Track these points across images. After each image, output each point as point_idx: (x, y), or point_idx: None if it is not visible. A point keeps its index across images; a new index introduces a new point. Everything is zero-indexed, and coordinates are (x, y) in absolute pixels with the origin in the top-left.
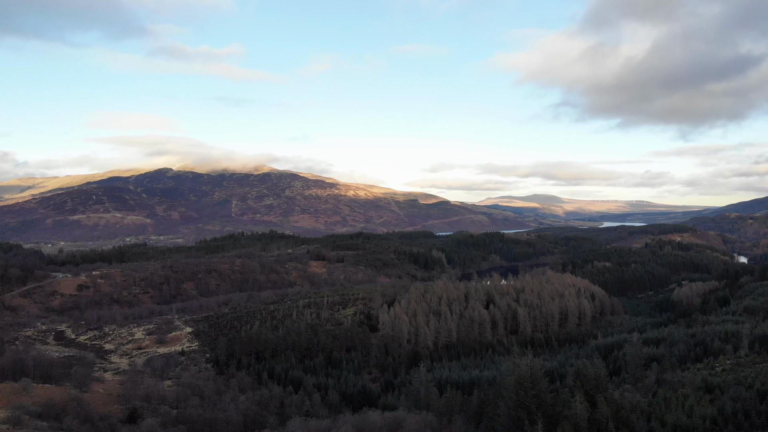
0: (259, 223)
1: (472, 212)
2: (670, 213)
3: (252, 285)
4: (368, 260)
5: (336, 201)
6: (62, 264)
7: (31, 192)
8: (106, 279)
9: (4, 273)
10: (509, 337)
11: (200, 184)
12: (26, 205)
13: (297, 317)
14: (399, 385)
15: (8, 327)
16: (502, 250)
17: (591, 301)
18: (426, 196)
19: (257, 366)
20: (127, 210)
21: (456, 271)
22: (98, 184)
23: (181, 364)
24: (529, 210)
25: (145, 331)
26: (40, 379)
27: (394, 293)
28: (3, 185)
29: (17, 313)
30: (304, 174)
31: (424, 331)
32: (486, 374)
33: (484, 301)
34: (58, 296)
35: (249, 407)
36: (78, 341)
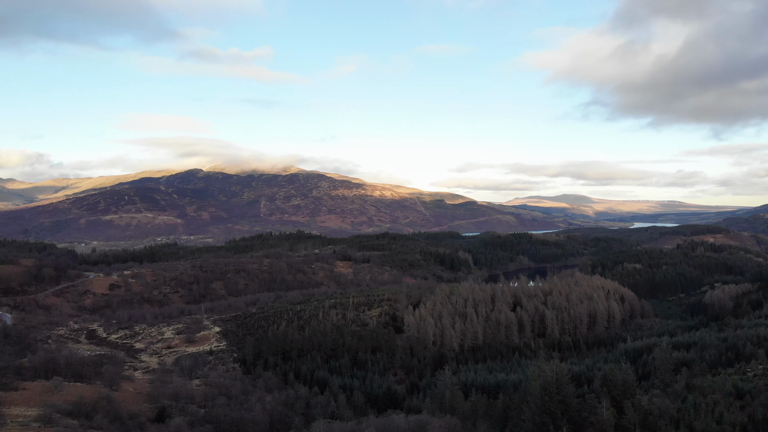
0: (287, 223)
1: (500, 212)
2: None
3: (279, 285)
4: (394, 261)
5: (362, 201)
6: (95, 263)
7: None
8: (137, 278)
9: (38, 273)
10: (536, 340)
11: (230, 185)
12: (60, 205)
13: (323, 318)
14: (424, 388)
15: (41, 326)
16: (530, 251)
17: (620, 304)
18: (452, 197)
19: (284, 366)
20: (159, 210)
21: (483, 272)
22: (130, 184)
23: (209, 363)
24: (558, 210)
25: (174, 330)
26: (71, 378)
27: (419, 294)
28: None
29: (51, 312)
30: (330, 174)
31: (449, 333)
32: (512, 378)
33: (511, 304)
34: (91, 295)
35: (275, 407)
36: (109, 340)
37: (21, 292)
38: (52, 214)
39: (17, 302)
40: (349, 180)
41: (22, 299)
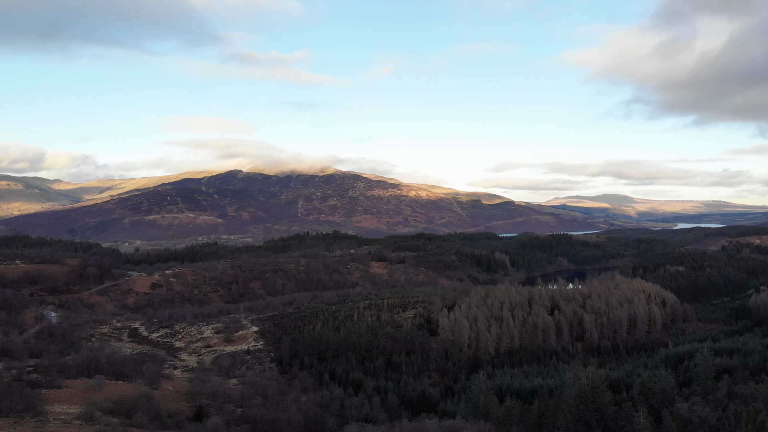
0: (323, 223)
1: (538, 213)
2: (749, 214)
3: (316, 285)
4: (429, 262)
5: (398, 201)
6: (137, 263)
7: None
8: (178, 278)
9: (82, 272)
10: (575, 344)
11: (269, 185)
12: (105, 205)
13: (358, 319)
14: (459, 391)
15: (85, 324)
16: (570, 253)
17: (662, 308)
18: (489, 197)
19: (319, 366)
20: (200, 210)
21: (520, 274)
22: (172, 185)
23: (246, 363)
24: (599, 210)
25: (213, 329)
26: (113, 376)
27: (454, 297)
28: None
29: (94, 311)
30: (366, 175)
31: (485, 336)
32: (548, 382)
33: (549, 307)
34: (133, 294)
35: (310, 408)
36: (150, 338)
37: (66, 291)
38: (97, 214)
39: (62, 301)
40: (385, 180)
41: (67, 298)
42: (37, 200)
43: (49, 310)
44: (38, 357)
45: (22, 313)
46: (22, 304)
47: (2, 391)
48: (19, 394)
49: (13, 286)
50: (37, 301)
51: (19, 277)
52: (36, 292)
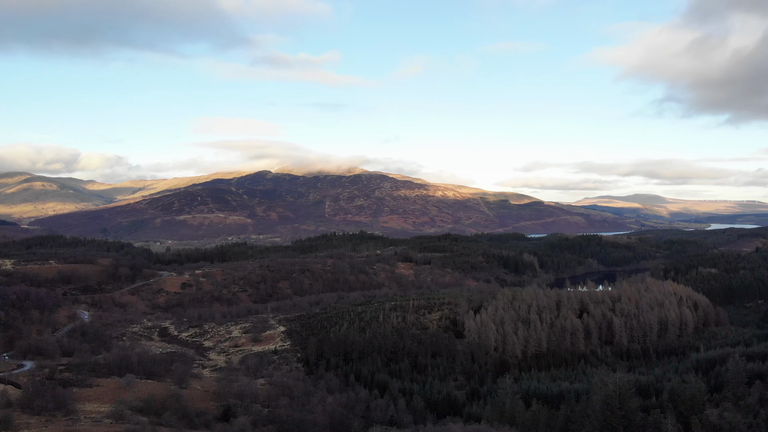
0: (350, 223)
1: (568, 213)
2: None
3: (342, 285)
4: (456, 263)
5: (424, 202)
6: (168, 263)
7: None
8: (208, 278)
9: (114, 272)
10: (603, 347)
11: (296, 186)
12: (137, 205)
13: (383, 320)
14: (485, 394)
15: (117, 323)
16: (600, 254)
17: (693, 311)
18: (518, 197)
19: (345, 367)
20: (230, 210)
21: (549, 275)
22: (203, 185)
23: (273, 363)
24: (630, 211)
25: (241, 329)
26: (143, 375)
27: (480, 299)
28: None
29: (126, 310)
30: (393, 175)
31: (512, 339)
32: (576, 387)
33: (577, 310)
34: (164, 294)
35: (336, 409)
36: (180, 338)
37: (99, 291)
38: (130, 214)
39: (95, 300)
40: (411, 180)
41: (99, 297)
42: (71, 200)
43: (81, 309)
44: (70, 356)
45: (56, 313)
46: (55, 304)
47: (34, 389)
48: (51, 393)
49: (47, 285)
50: (70, 301)
51: (53, 277)
52: (69, 292)
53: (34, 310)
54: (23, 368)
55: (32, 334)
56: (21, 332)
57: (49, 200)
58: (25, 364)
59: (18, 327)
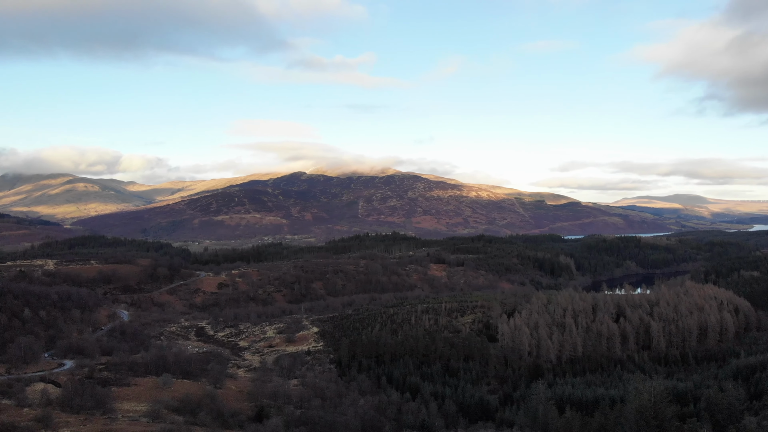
0: (383, 223)
1: (606, 214)
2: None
3: (375, 286)
4: (489, 265)
5: (457, 202)
6: (205, 263)
7: (181, 194)
8: (244, 278)
9: (153, 272)
10: (641, 353)
11: (330, 187)
12: (176, 206)
13: (415, 322)
14: (518, 399)
15: (155, 323)
16: (638, 256)
17: (734, 316)
18: (554, 197)
19: (377, 369)
20: (266, 211)
21: (585, 278)
22: (240, 187)
23: (306, 363)
24: (670, 211)
25: (276, 329)
26: (179, 374)
27: (514, 303)
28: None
29: (164, 309)
30: (426, 175)
31: (546, 344)
32: (611, 393)
33: (614, 314)
34: (201, 294)
35: (367, 412)
36: (216, 338)
37: (138, 290)
38: (169, 215)
39: (134, 300)
40: (445, 181)
41: (138, 297)
42: (112, 201)
43: (121, 308)
44: (110, 354)
45: (96, 312)
46: (95, 303)
47: (74, 388)
48: (90, 392)
49: (88, 285)
50: (110, 300)
51: (94, 277)
52: (109, 291)
53: (75, 310)
54: (64, 367)
55: (73, 334)
56: (62, 331)
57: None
58: (66, 362)
59: (59, 326)
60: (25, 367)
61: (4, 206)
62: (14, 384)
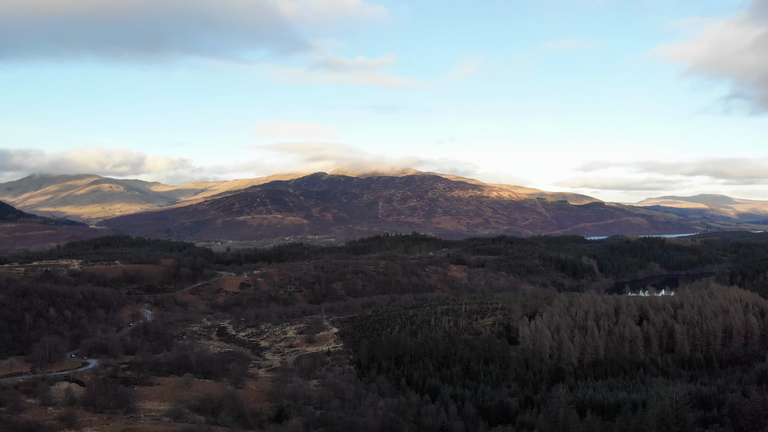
0: (403, 224)
1: (629, 214)
2: None
3: (394, 287)
4: (510, 266)
5: (478, 202)
6: (228, 263)
7: (204, 195)
8: (265, 278)
9: (176, 272)
10: (664, 356)
11: (351, 187)
12: (199, 206)
13: (435, 324)
14: (538, 403)
15: (177, 322)
16: (662, 258)
17: (760, 319)
18: (577, 197)
19: (396, 371)
20: (287, 211)
21: (608, 280)
22: (262, 187)
23: (326, 364)
24: (696, 212)
25: (296, 330)
26: (201, 374)
27: (535, 305)
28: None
29: (187, 309)
30: (446, 176)
31: (567, 346)
32: (633, 397)
33: (637, 317)
34: (223, 293)
35: (387, 413)
36: (237, 337)
37: (161, 290)
38: (192, 215)
39: (157, 299)
40: (465, 181)
41: (161, 297)
42: (137, 201)
43: (144, 308)
44: (133, 354)
45: (120, 312)
46: (120, 303)
47: (97, 388)
48: (113, 391)
49: (113, 285)
50: (134, 300)
51: (118, 277)
52: (133, 291)
53: (99, 309)
54: (88, 366)
55: (97, 333)
56: (87, 331)
57: (116, 201)
58: (90, 361)
59: (84, 326)
60: (49, 366)
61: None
62: (39, 383)
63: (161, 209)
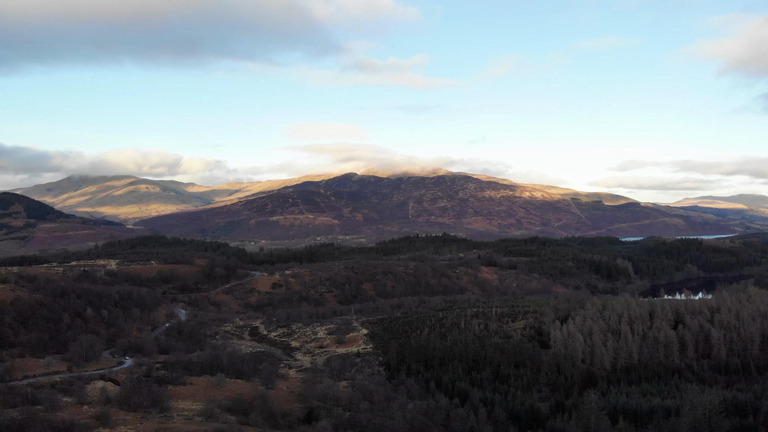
0: (433, 224)
1: (666, 215)
2: None
3: (424, 288)
4: (543, 268)
5: (510, 203)
6: (260, 263)
7: (238, 195)
8: (297, 278)
9: (210, 272)
10: (700, 361)
11: (381, 187)
12: (233, 207)
13: (465, 327)
14: (570, 408)
15: (211, 322)
16: (700, 260)
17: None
18: (612, 197)
19: (425, 374)
20: (318, 212)
21: (644, 282)
22: (294, 188)
23: (356, 365)
24: (735, 212)
25: (326, 330)
26: (233, 374)
27: (567, 308)
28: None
29: (220, 309)
30: (477, 176)
31: (600, 351)
32: (667, 403)
33: (672, 321)
34: (255, 293)
35: (415, 417)
36: (269, 337)
37: (195, 290)
38: (226, 215)
39: (191, 299)
40: (497, 181)
41: (195, 296)
42: (172, 202)
43: (179, 308)
44: (167, 353)
45: (155, 311)
46: (155, 303)
47: (132, 387)
48: (147, 391)
49: (148, 285)
50: (168, 300)
51: (153, 277)
52: (168, 291)
53: (135, 309)
54: (123, 365)
55: (133, 332)
56: (122, 330)
57: (153, 202)
58: (125, 361)
59: (120, 325)
60: (86, 365)
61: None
62: (75, 382)
63: (196, 209)
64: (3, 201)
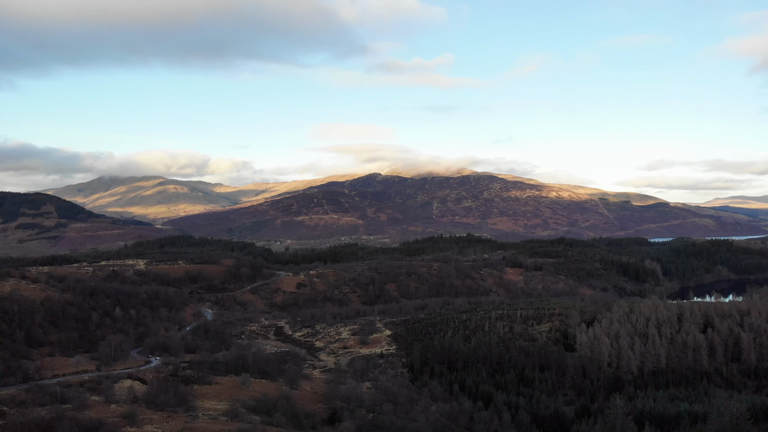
0: (457, 225)
1: (696, 215)
2: None
3: (448, 290)
4: (569, 269)
5: (536, 203)
6: (285, 263)
7: (264, 196)
8: (321, 278)
9: (236, 272)
10: (729, 365)
11: (405, 188)
12: (260, 207)
13: (489, 329)
14: (596, 412)
15: (237, 322)
16: (730, 261)
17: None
18: (641, 197)
19: (449, 376)
20: (342, 212)
21: (673, 284)
22: (319, 188)
23: (379, 366)
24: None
25: (350, 331)
26: (257, 374)
27: (593, 311)
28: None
29: (246, 308)
30: (502, 175)
31: (627, 354)
32: (695, 408)
33: (701, 324)
34: (281, 293)
35: (438, 419)
36: (293, 337)
37: (222, 290)
38: (253, 215)
39: (218, 299)
40: (523, 181)
41: (222, 296)
42: (200, 202)
43: (206, 307)
44: (193, 353)
45: (182, 311)
46: (182, 302)
47: (159, 386)
48: (174, 390)
49: (176, 284)
50: (195, 299)
51: (181, 277)
52: (195, 291)
53: (162, 309)
54: (150, 364)
55: (160, 332)
56: (150, 329)
57: (181, 202)
58: (153, 360)
59: (148, 324)
60: (114, 363)
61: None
62: (103, 381)
63: (224, 210)
64: (35, 201)
